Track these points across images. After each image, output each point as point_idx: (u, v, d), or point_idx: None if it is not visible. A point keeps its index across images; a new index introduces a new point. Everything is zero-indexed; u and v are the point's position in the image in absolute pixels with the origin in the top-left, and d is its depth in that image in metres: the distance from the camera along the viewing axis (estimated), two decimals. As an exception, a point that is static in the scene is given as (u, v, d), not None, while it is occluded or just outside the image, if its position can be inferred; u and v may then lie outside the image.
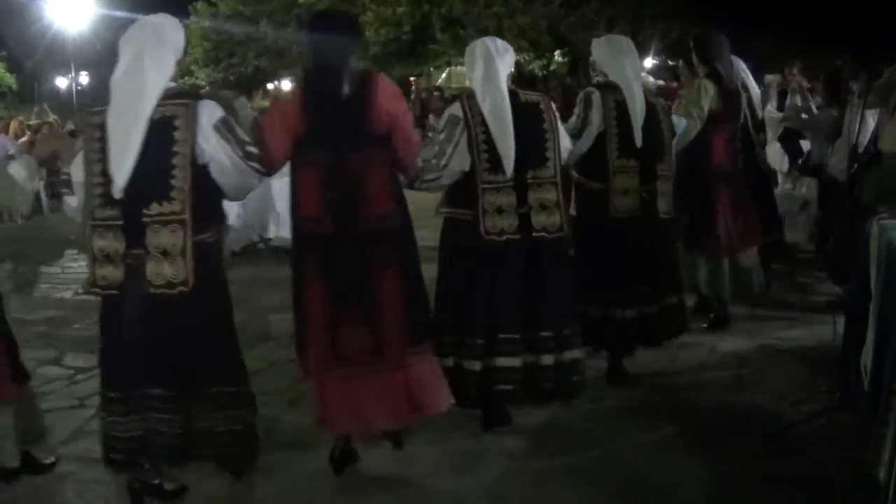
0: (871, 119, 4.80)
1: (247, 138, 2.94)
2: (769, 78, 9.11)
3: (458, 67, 23.35)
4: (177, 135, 2.77)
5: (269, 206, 6.94)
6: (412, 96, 16.58)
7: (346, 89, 3.09)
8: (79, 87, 29.47)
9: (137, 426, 2.89)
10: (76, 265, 7.68)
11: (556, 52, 21.48)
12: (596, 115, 3.97)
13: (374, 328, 3.12)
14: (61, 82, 33.74)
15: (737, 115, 5.00)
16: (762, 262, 5.26)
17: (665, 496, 3.11)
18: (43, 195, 7.28)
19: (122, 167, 2.73)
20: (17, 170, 3.08)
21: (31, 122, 13.25)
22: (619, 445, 3.49)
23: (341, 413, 3.14)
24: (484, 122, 3.40)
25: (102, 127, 2.77)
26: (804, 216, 6.33)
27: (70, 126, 14.42)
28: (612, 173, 3.99)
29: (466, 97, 3.49)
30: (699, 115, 4.66)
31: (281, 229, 7.02)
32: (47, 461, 3.33)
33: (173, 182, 2.77)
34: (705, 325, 4.99)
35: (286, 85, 21.06)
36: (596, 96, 3.99)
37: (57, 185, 3.10)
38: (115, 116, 2.76)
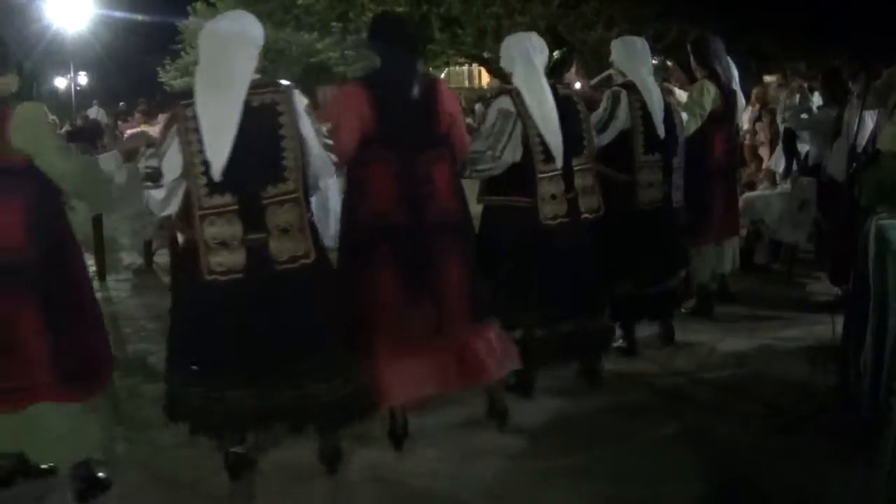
0: (870, 119, 4.82)
1: (324, 130, 3.14)
2: (769, 78, 9.13)
3: (457, 67, 23.38)
4: (282, 119, 2.97)
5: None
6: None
7: (416, 91, 3.33)
8: (77, 88, 29.47)
9: (253, 403, 2.99)
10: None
11: (555, 52, 21.50)
12: (622, 113, 4.31)
13: (440, 310, 3.36)
14: (60, 82, 33.74)
15: (733, 116, 5.22)
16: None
17: (665, 496, 3.12)
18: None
19: (219, 152, 2.87)
20: (107, 161, 3.07)
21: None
22: (619, 445, 3.50)
23: (400, 386, 3.33)
24: (532, 116, 3.70)
25: (196, 118, 2.90)
26: (804, 216, 6.33)
27: (68, 127, 14.43)
28: (638, 167, 4.36)
29: (514, 93, 3.74)
30: (701, 113, 4.91)
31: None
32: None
33: (285, 163, 2.97)
34: (685, 310, 5.17)
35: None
36: (623, 95, 4.32)
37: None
38: (208, 105, 2.90)
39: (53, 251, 2.94)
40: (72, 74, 29.03)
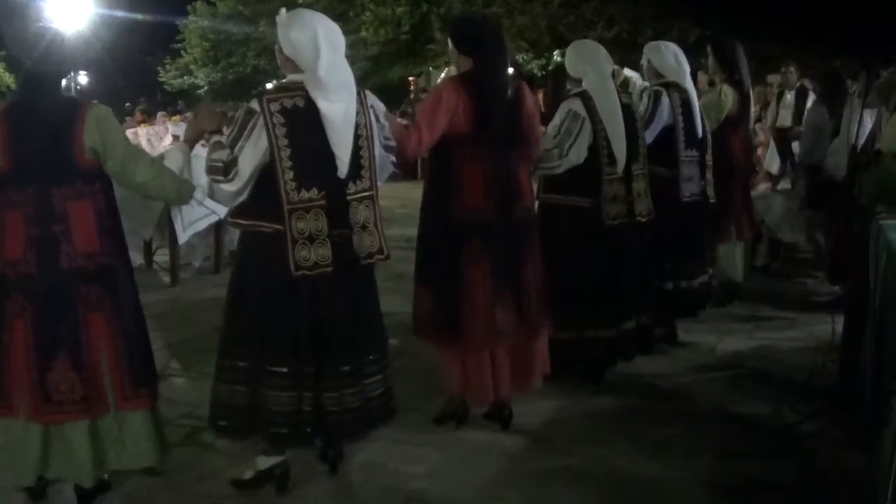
0: (869, 119, 4.83)
1: (385, 131, 3.20)
2: (770, 78, 9.13)
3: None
4: (359, 119, 2.99)
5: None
6: (411, 96, 16.59)
7: (509, 93, 3.46)
8: (78, 87, 29.44)
9: (304, 399, 2.96)
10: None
11: (556, 52, 21.49)
12: (665, 110, 4.48)
13: (523, 304, 3.51)
14: (60, 82, 33.71)
15: (748, 118, 5.46)
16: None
17: (665, 496, 3.12)
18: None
19: (344, 147, 2.92)
20: (173, 158, 3.01)
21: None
22: (619, 445, 3.50)
23: (488, 383, 3.51)
24: (602, 121, 3.85)
25: (284, 113, 2.85)
26: (803, 216, 6.33)
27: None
28: (681, 163, 4.56)
29: (586, 97, 3.88)
30: (716, 117, 5.07)
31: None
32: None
33: (362, 162, 3.02)
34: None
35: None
36: (664, 94, 4.50)
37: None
38: (335, 106, 2.89)
39: (120, 256, 2.94)
40: (72, 74, 29.04)
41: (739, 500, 3.13)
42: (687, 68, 4.65)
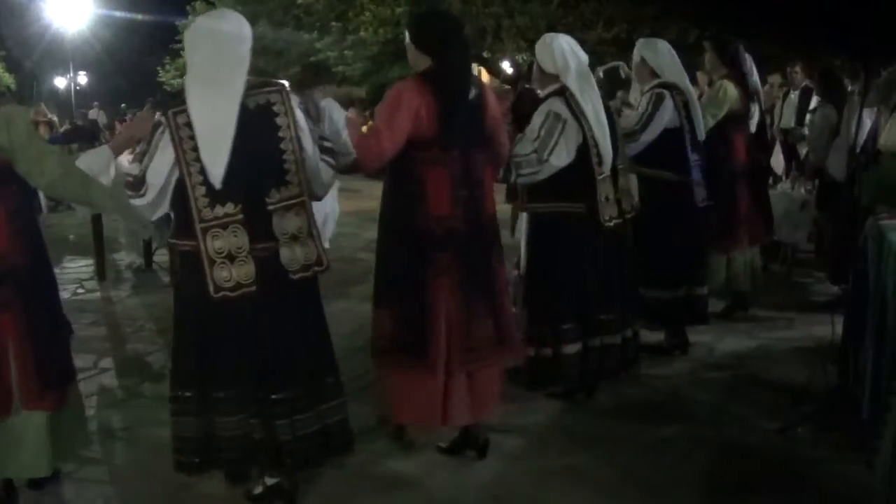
0: (868, 118, 4.80)
1: (323, 133, 2.99)
2: (771, 78, 9.14)
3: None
4: (279, 120, 2.81)
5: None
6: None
7: (472, 93, 3.20)
8: (77, 87, 29.48)
9: (254, 427, 2.85)
10: (74, 265, 7.68)
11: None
12: (667, 112, 4.30)
13: (498, 319, 3.27)
14: (60, 82, 33.74)
15: (753, 116, 5.18)
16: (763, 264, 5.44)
17: (665, 496, 3.12)
18: (41, 195, 7.26)
19: (217, 160, 2.68)
20: (89, 161, 2.96)
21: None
22: (619, 445, 3.50)
23: (464, 405, 3.23)
24: (587, 118, 3.62)
25: (191, 126, 2.71)
26: (803, 216, 6.34)
27: (67, 126, 14.43)
28: (691, 167, 4.39)
29: (568, 94, 3.64)
30: (713, 115, 4.81)
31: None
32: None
33: (286, 166, 2.80)
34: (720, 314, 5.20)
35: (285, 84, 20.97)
36: (668, 95, 4.31)
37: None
38: (203, 112, 2.71)
39: (34, 257, 2.91)
40: (72, 74, 29.04)
41: (739, 501, 3.13)
42: (682, 68, 4.45)
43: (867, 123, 4.82)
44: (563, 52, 3.69)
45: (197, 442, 2.85)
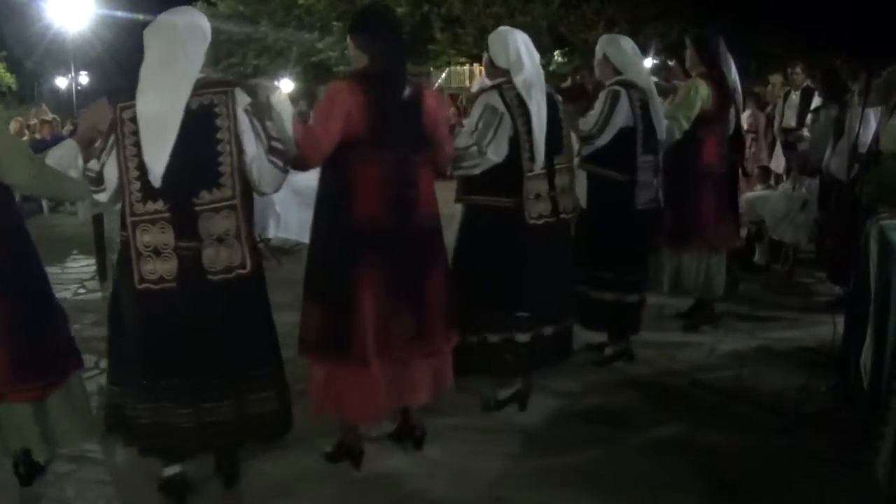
0: (874, 119, 4.79)
1: (273, 133, 2.94)
2: (772, 78, 9.15)
3: (458, 67, 23.36)
4: (219, 122, 2.80)
5: (269, 206, 6.94)
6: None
7: (406, 92, 3.18)
8: (79, 88, 29.46)
9: (188, 417, 2.91)
10: (76, 265, 7.68)
11: (556, 52, 21.50)
12: (623, 111, 4.19)
13: (422, 318, 3.26)
14: (61, 82, 33.74)
15: (728, 117, 4.98)
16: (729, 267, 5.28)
17: (665, 496, 3.12)
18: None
19: (158, 157, 2.73)
20: (58, 156, 2.98)
21: (30, 123, 13.26)
22: (618, 446, 3.50)
23: (382, 400, 3.23)
24: (525, 114, 3.56)
25: (135, 121, 2.76)
26: (804, 216, 6.34)
27: (69, 126, 14.43)
28: (639, 168, 4.27)
29: (504, 88, 3.58)
30: (686, 116, 4.66)
31: (280, 230, 7.04)
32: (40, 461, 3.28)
33: (221, 168, 2.81)
34: (684, 323, 5.09)
35: (286, 85, 21.02)
36: (623, 94, 4.21)
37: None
38: (149, 109, 2.75)
39: (14, 248, 2.92)
40: (73, 74, 29.02)
41: (739, 501, 3.13)
42: (644, 65, 4.31)
43: (872, 124, 4.81)
44: (518, 49, 3.63)
45: (117, 409, 3.01)
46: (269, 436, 3.14)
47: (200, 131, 2.79)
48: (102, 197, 2.91)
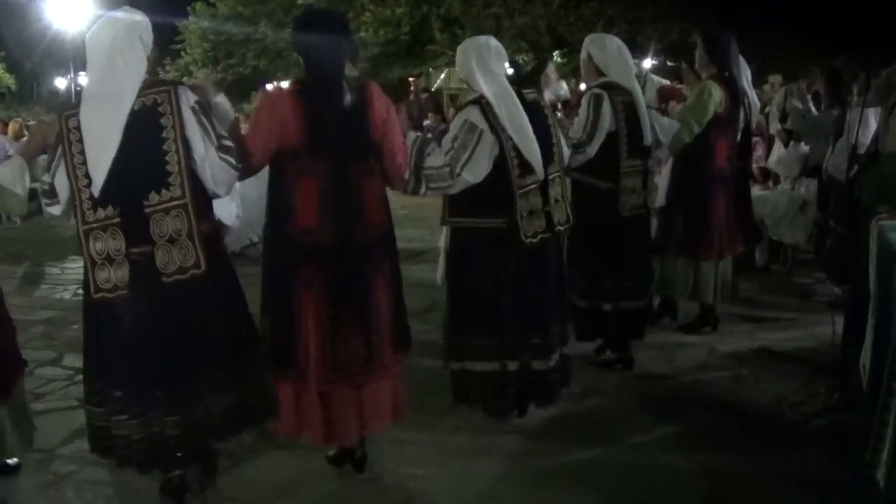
0: (873, 119, 4.78)
1: (222, 131, 2.89)
2: (772, 78, 9.15)
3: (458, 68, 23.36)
4: (163, 121, 2.74)
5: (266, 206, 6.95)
6: (411, 97, 16.56)
7: (347, 98, 3.03)
8: (78, 88, 29.42)
9: (153, 424, 2.87)
10: (75, 265, 7.67)
11: (556, 53, 21.52)
12: (607, 116, 4.05)
13: (369, 337, 3.11)
14: (60, 83, 33.72)
15: (738, 120, 4.89)
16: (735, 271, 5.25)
17: (665, 496, 3.12)
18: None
19: (99, 166, 2.70)
20: (3, 173, 2.99)
21: (30, 123, 13.26)
22: (619, 446, 3.50)
23: (350, 423, 3.13)
24: (505, 129, 3.40)
25: (80, 129, 2.74)
26: (804, 216, 6.34)
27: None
28: (623, 174, 4.13)
29: (485, 104, 3.42)
30: (697, 120, 4.56)
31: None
32: (11, 462, 3.32)
33: (169, 168, 2.74)
34: (677, 326, 5.06)
35: (286, 85, 20.97)
36: (605, 97, 4.06)
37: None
38: (92, 117, 2.73)
39: None
40: (72, 74, 28.99)
41: (739, 501, 3.13)
42: (632, 66, 4.20)
43: (872, 124, 4.81)
44: (481, 57, 3.48)
45: (102, 431, 2.93)
46: (231, 431, 3.03)
47: (145, 132, 2.74)
48: (56, 210, 2.89)
